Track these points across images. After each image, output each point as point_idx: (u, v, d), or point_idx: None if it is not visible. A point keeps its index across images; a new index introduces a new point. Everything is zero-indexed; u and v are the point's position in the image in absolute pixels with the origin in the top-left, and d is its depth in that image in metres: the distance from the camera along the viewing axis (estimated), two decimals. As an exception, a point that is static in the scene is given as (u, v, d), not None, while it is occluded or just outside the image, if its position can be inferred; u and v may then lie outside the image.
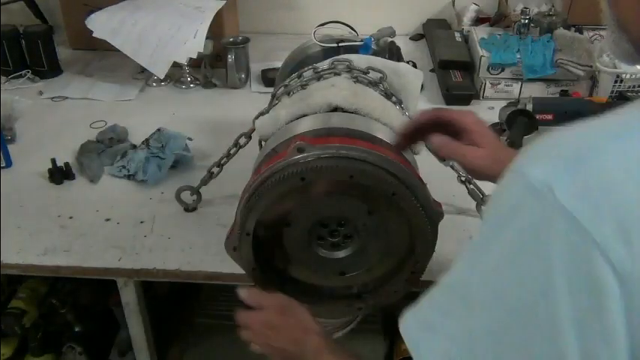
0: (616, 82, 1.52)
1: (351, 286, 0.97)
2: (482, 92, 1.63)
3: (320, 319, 1.03)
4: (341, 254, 0.92)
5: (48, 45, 1.76)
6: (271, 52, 1.85)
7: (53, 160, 1.28)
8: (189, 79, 1.73)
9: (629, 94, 1.49)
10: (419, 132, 0.89)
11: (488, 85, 1.62)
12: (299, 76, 1.11)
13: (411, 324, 0.59)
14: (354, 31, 1.40)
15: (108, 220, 1.18)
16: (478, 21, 1.86)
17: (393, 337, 1.42)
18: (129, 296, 1.17)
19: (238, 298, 0.89)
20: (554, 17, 1.64)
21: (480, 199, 1.17)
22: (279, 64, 1.39)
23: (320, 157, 0.82)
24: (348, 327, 1.28)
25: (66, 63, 1.83)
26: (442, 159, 0.97)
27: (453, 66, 1.68)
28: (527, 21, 1.64)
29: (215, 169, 1.17)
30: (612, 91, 1.53)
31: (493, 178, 0.81)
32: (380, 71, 1.09)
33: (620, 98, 1.45)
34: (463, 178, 1.16)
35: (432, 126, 0.87)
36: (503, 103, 1.54)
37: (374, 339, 1.40)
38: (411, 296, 0.91)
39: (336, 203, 0.87)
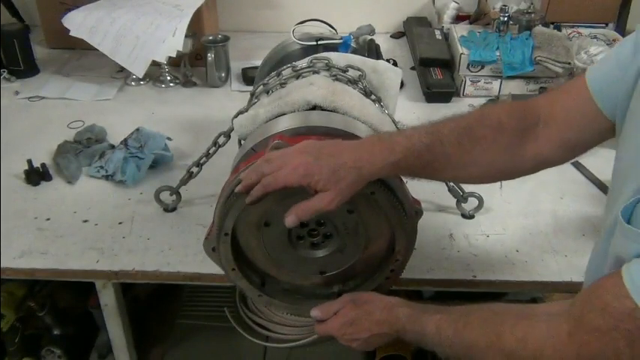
0: (594, 78, 1.53)
1: (331, 284, 0.97)
2: (462, 89, 1.63)
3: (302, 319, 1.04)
4: (321, 253, 0.91)
5: (24, 44, 1.73)
6: (251, 51, 1.84)
7: (29, 161, 1.26)
8: (168, 78, 1.72)
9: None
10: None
11: (468, 82, 1.63)
12: (278, 75, 1.11)
13: None
14: (334, 29, 1.40)
15: (86, 221, 1.17)
16: (458, 19, 1.86)
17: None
18: (108, 298, 1.15)
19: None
20: (532, 15, 1.66)
21: (460, 196, 1.18)
22: (259, 63, 1.38)
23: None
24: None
25: (43, 62, 1.81)
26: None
27: (433, 63, 1.69)
28: (506, 19, 1.66)
29: (194, 169, 1.16)
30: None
31: (357, 191, 0.79)
32: (359, 69, 1.09)
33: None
34: (443, 176, 1.16)
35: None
36: (483, 100, 1.55)
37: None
38: (392, 293, 0.91)
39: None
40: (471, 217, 1.19)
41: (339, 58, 1.11)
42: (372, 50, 1.37)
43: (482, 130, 0.84)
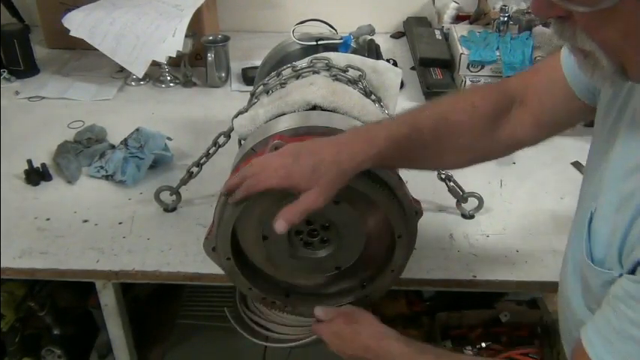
0: (593, 78, 1.53)
1: (331, 284, 0.97)
2: (462, 89, 1.63)
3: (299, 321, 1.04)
4: (321, 254, 0.91)
5: (24, 44, 1.73)
6: (251, 51, 1.84)
7: (29, 161, 1.26)
8: (168, 78, 1.72)
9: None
10: None
11: (468, 82, 1.62)
12: (278, 75, 1.11)
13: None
14: (334, 29, 1.39)
15: (86, 221, 1.17)
16: (458, 19, 1.86)
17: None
18: (108, 298, 1.15)
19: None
20: (532, 15, 1.66)
21: (460, 196, 1.18)
22: (259, 63, 1.38)
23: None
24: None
25: (43, 62, 1.80)
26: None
27: (433, 63, 1.69)
28: (506, 19, 1.65)
29: (194, 169, 1.16)
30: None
31: (343, 184, 0.79)
32: (359, 69, 1.09)
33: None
34: (443, 176, 1.17)
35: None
36: (483, 101, 1.54)
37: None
38: (392, 294, 0.91)
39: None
40: (471, 217, 1.19)
41: (339, 58, 1.11)
42: (372, 50, 1.37)
43: (457, 116, 0.84)
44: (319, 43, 1.31)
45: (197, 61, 1.76)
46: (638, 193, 0.59)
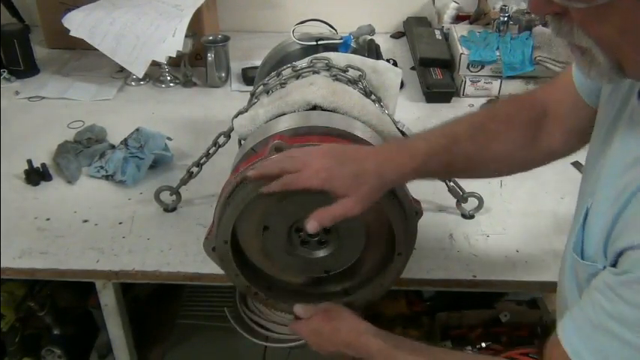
0: (593, 78, 1.53)
1: (332, 285, 0.96)
2: (462, 90, 1.63)
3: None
4: (321, 254, 0.91)
5: (24, 44, 1.73)
6: (251, 51, 1.84)
7: (29, 161, 1.26)
8: (168, 78, 1.72)
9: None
10: None
11: (468, 82, 1.63)
12: (278, 75, 1.11)
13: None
14: (334, 29, 1.39)
15: (86, 221, 1.17)
16: (458, 19, 1.86)
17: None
18: (108, 298, 1.15)
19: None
20: (532, 15, 1.66)
21: (460, 196, 1.18)
22: (259, 63, 1.38)
23: (298, 157, 0.81)
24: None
25: (43, 62, 1.80)
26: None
27: (433, 63, 1.69)
28: (506, 19, 1.65)
29: (194, 169, 1.16)
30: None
31: (381, 195, 0.81)
32: (359, 69, 1.09)
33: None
34: (443, 176, 1.16)
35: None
36: (483, 101, 1.55)
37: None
38: (392, 294, 0.91)
39: (315, 203, 0.87)
40: (471, 217, 1.19)
41: (339, 58, 1.11)
42: (372, 50, 1.37)
43: (495, 126, 0.85)
44: (319, 43, 1.31)
45: (197, 61, 1.76)
46: (630, 186, 0.59)
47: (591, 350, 0.58)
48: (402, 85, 1.48)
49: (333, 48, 1.28)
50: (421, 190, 1.04)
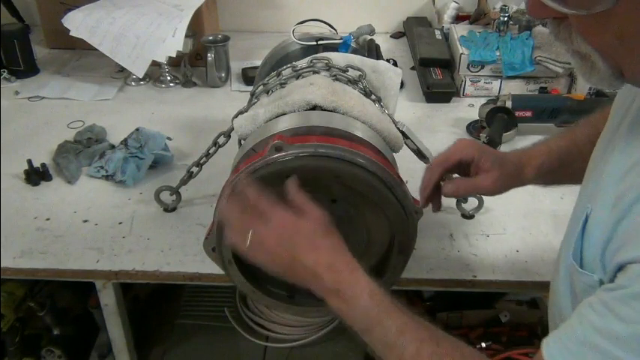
0: (594, 79, 1.53)
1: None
2: (462, 90, 1.64)
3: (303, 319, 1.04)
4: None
5: (24, 44, 1.73)
6: (252, 51, 1.84)
7: (29, 161, 1.26)
8: (168, 78, 1.72)
9: (606, 91, 1.51)
10: (436, 188, 0.94)
11: (468, 82, 1.63)
12: (278, 75, 1.11)
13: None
14: (334, 29, 1.39)
15: (86, 221, 1.17)
16: (458, 19, 1.87)
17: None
18: (108, 298, 1.15)
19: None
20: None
21: (460, 196, 1.18)
22: (259, 63, 1.38)
23: (298, 156, 0.81)
24: (330, 326, 1.29)
25: (43, 62, 1.81)
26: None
27: (433, 63, 1.69)
28: (506, 19, 1.66)
29: (194, 169, 1.16)
30: (590, 88, 1.54)
31: (511, 188, 0.91)
32: (359, 69, 1.09)
33: (597, 95, 1.46)
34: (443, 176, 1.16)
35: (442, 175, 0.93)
36: (483, 101, 1.55)
37: (355, 338, 1.40)
38: (392, 294, 0.91)
39: (315, 202, 0.87)
40: (471, 217, 1.19)
41: (339, 58, 1.11)
42: (372, 50, 1.37)
43: None
44: (319, 43, 1.31)
45: (197, 61, 1.76)
46: (629, 192, 0.58)
47: None
48: (402, 85, 1.48)
49: (333, 48, 1.28)
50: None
